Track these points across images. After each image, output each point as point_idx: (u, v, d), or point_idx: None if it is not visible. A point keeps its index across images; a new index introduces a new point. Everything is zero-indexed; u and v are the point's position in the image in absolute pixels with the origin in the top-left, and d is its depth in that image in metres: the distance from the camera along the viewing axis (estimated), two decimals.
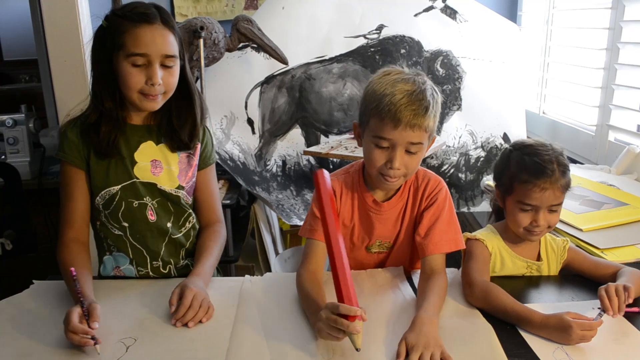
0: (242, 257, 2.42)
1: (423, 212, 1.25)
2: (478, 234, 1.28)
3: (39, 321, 1.10)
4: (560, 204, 1.20)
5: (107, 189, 1.26)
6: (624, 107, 2.00)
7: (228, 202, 2.19)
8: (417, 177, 1.27)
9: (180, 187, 1.31)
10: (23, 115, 2.50)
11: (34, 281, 1.26)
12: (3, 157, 2.51)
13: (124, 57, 1.17)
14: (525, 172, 1.18)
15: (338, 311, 0.95)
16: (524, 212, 1.20)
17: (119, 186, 1.26)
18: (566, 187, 1.19)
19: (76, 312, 1.00)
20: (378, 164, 1.15)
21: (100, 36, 1.20)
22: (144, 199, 1.28)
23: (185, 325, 1.06)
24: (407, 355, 0.94)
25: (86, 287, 1.11)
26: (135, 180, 1.27)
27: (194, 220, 1.37)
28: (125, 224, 1.28)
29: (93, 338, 0.97)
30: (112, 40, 1.17)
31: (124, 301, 1.17)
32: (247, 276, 1.29)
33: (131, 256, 1.31)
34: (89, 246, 1.28)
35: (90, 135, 1.23)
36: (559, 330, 0.98)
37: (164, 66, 1.19)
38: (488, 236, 1.27)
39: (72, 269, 1.03)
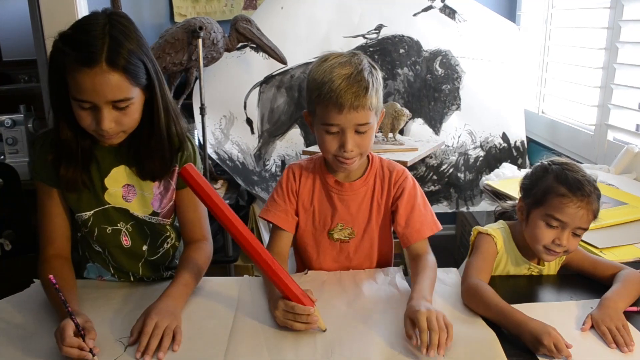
0: (241, 257, 2.42)
1: (397, 203, 1.28)
2: (490, 229, 1.27)
3: (39, 320, 1.09)
4: (585, 230, 1.17)
5: (80, 214, 1.21)
6: (623, 107, 2.00)
7: (227, 202, 2.19)
8: (382, 167, 1.31)
9: (154, 214, 1.24)
10: (22, 115, 2.50)
11: (34, 280, 1.26)
12: (2, 157, 2.51)
13: (71, 96, 1.05)
14: (565, 185, 1.15)
15: (294, 311, 1.02)
16: (549, 228, 1.16)
17: (91, 212, 1.21)
18: (596, 214, 1.17)
19: (70, 326, 0.94)
20: (332, 149, 1.19)
21: (52, 61, 1.06)
22: (118, 224, 1.23)
23: (155, 356, 0.96)
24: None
25: (74, 303, 1.05)
26: (107, 206, 1.20)
27: (173, 240, 1.31)
28: (101, 247, 1.25)
29: (91, 351, 0.94)
30: (59, 74, 1.05)
31: (123, 300, 1.17)
32: (245, 276, 1.29)
33: (112, 271, 1.28)
34: (71, 261, 1.23)
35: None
36: (535, 334, 0.95)
37: (116, 108, 1.06)
38: (499, 233, 1.26)
39: (51, 276, 0.96)
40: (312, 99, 1.18)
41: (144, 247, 1.27)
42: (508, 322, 1.02)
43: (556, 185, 1.16)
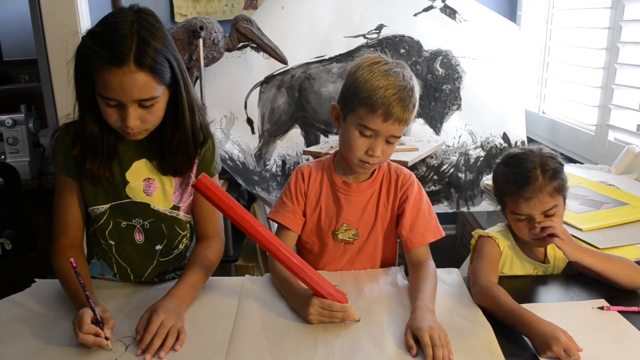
0: (242, 257, 2.42)
1: (403, 206, 1.28)
2: (491, 231, 1.28)
3: (40, 320, 1.10)
4: (554, 207, 1.17)
5: (95, 207, 1.21)
6: (624, 107, 2.00)
7: None
8: (390, 170, 1.32)
9: (175, 208, 1.24)
10: (23, 115, 2.50)
11: (35, 280, 1.26)
12: (3, 157, 2.51)
13: (98, 93, 1.06)
14: (510, 184, 1.19)
15: (330, 309, 1.05)
16: (521, 222, 1.20)
17: (108, 205, 1.21)
18: (558, 189, 1.17)
19: (88, 314, 0.97)
20: (360, 151, 1.19)
21: (79, 58, 1.07)
22: (133, 220, 1.23)
23: (156, 355, 0.96)
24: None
25: (90, 292, 1.06)
26: (126, 200, 1.21)
27: (188, 241, 1.31)
28: (112, 242, 1.24)
29: (105, 337, 0.96)
30: (86, 70, 1.06)
31: (124, 301, 1.17)
32: (247, 276, 1.29)
33: (115, 271, 1.26)
34: (84, 250, 1.25)
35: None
36: (545, 337, 0.94)
37: (141, 106, 1.07)
38: (500, 235, 1.27)
39: (72, 259, 0.97)
40: (359, 98, 1.15)
41: (157, 247, 1.26)
42: (518, 322, 1.01)
43: (504, 186, 1.22)
